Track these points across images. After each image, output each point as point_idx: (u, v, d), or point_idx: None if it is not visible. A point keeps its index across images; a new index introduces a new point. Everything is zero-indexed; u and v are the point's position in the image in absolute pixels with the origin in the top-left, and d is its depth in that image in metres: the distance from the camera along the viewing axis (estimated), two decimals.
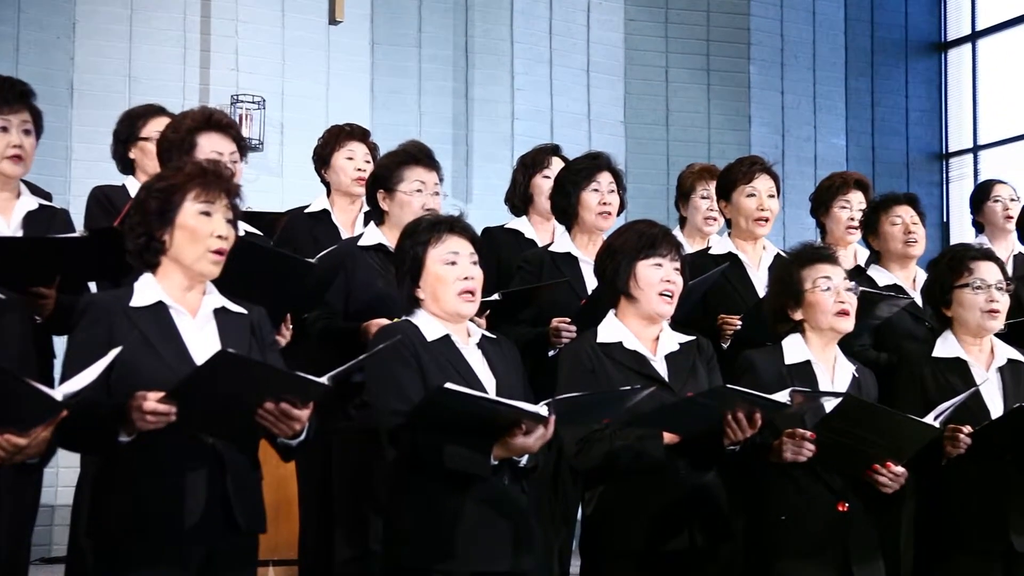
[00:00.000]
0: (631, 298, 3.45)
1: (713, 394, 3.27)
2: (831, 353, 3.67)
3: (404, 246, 3.26)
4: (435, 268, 3.20)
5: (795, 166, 9.20)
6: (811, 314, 3.63)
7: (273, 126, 7.86)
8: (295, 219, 4.72)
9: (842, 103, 9.53)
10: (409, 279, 3.23)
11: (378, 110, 8.15)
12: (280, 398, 2.72)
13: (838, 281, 3.64)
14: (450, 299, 3.19)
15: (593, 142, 8.44)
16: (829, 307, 3.61)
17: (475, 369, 3.19)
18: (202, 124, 3.70)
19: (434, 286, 3.20)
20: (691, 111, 9.08)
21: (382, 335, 3.20)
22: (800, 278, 3.64)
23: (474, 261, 3.24)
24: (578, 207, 4.31)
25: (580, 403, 3.06)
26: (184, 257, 2.89)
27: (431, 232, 3.23)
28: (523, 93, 8.58)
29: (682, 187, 5.30)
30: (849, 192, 4.91)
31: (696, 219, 5.21)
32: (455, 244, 3.23)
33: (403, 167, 4.00)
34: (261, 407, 2.72)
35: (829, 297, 3.61)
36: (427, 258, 3.21)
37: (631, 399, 3.12)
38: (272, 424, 2.76)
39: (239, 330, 2.94)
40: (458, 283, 3.19)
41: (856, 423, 3.33)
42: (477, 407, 2.89)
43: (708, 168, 5.30)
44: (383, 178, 4.03)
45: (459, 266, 3.21)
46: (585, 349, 3.42)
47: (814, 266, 3.66)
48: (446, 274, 3.19)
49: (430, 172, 4.01)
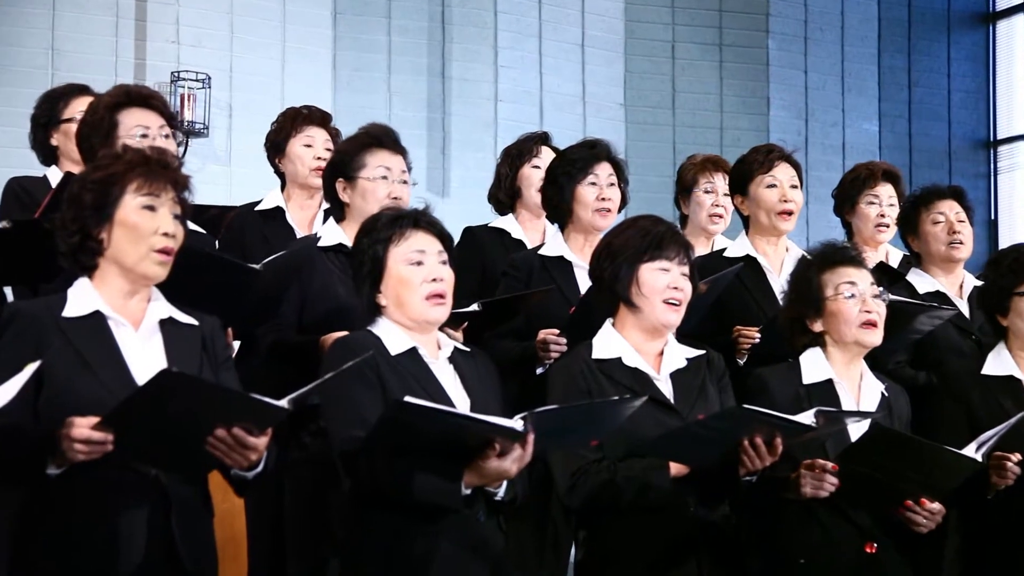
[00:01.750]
0: (632, 306, 3.47)
1: (727, 416, 3.29)
2: (856, 370, 3.69)
3: (362, 245, 3.26)
4: (398, 269, 3.21)
5: (820, 155, 9.27)
6: (833, 325, 3.64)
7: (220, 108, 7.87)
8: (244, 216, 4.72)
9: (875, 83, 9.61)
10: (369, 283, 3.24)
11: (341, 90, 8.17)
12: (234, 424, 2.72)
13: (864, 287, 3.65)
14: (416, 304, 3.20)
15: (589, 128, 8.46)
16: (853, 317, 3.62)
17: (446, 387, 3.20)
18: (121, 99, 3.72)
19: (397, 290, 3.21)
20: (701, 92, 9.13)
21: (337, 350, 3.20)
22: (820, 284, 3.66)
23: (443, 260, 3.25)
24: (573, 203, 4.32)
25: (562, 417, 3.05)
26: (125, 258, 2.89)
27: (392, 228, 3.24)
28: (508, 71, 8.61)
29: (682, 181, 5.33)
30: (877, 185, 4.96)
31: (699, 217, 5.24)
32: (420, 241, 3.24)
33: (364, 151, 4.01)
34: (212, 434, 2.72)
35: (853, 306, 3.63)
36: (389, 258, 3.22)
37: (622, 412, 3.12)
38: (224, 454, 2.76)
39: (189, 344, 2.95)
40: (425, 286, 3.20)
41: (886, 454, 3.36)
42: (443, 424, 2.88)
43: (712, 159, 5.33)
44: (342, 165, 4.03)
45: (426, 266, 3.21)
46: (579, 366, 3.42)
47: (836, 269, 3.68)
48: (411, 276, 3.20)
49: (395, 156, 4.03)
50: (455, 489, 2.99)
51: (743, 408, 3.24)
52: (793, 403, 3.49)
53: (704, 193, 5.22)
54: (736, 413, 3.27)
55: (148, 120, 3.71)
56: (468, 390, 3.23)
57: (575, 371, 3.42)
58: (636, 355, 3.46)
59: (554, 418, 3.01)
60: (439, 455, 2.97)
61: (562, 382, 3.43)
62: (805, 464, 3.40)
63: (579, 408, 3.17)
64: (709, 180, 5.22)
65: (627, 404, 3.11)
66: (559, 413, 3.03)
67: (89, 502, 2.78)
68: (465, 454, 2.99)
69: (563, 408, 3.09)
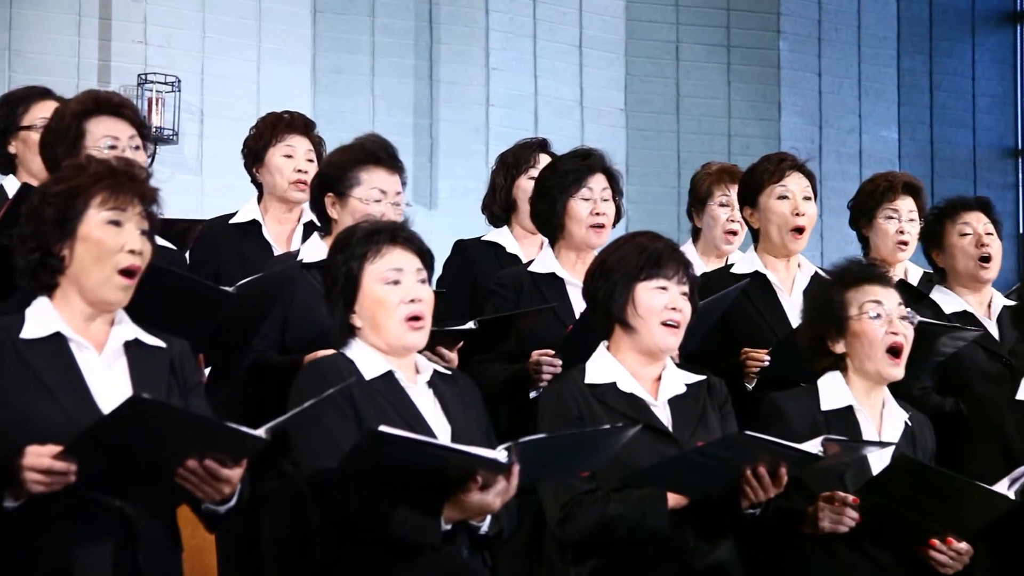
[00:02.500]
0: (628, 328, 3.49)
1: (727, 443, 3.30)
2: (878, 397, 3.71)
3: (336, 262, 3.28)
4: (373, 288, 3.23)
5: (835, 164, 9.29)
6: (856, 347, 3.66)
7: (191, 113, 7.88)
8: (216, 229, 4.72)
9: (893, 87, 9.64)
10: (342, 303, 3.26)
11: (321, 94, 8.18)
12: (207, 455, 2.72)
13: (891, 307, 3.67)
14: (393, 327, 3.22)
15: (587, 135, 8.48)
16: (879, 339, 3.64)
17: (425, 413, 3.21)
18: (89, 106, 3.72)
19: (373, 311, 3.23)
20: (707, 97, 9.14)
21: (307, 374, 3.22)
22: (844, 302, 3.68)
23: (422, 279, 3.26)
24: (564, 218, 4.32)
25: (550, 447, 3.06)
26: (86, 279, 2.89)
27: (368, 244, 3.25)
28: (500, 74, 8.62)
29: (696, 192, 5.30)
30: (896, 199, 4.97)
31: (714, 233, 5.24)
32: (398, 258, 3.25)
33: (360, 168, 4.00)
34: (183, 465, 2.72)
35: (879, 327, 3.65)
36: (363, 276, 3.24)
37: (615, 442, 3.13)
38: (196, 487, 2.76)
39: (155, 368, 2.95)
40: (402, 307, 3.22)
41: (910, 487, 3.36)
42: (421, 454, 2.88)
43: (728, 169, 5.32)
44: (334, 179, 4.02)
45: (403, 286, 3.23)
46: (571, 391, 3.44)
47: (862, 287, 3.69)
48: (387, 296, 3.22)
49: (392, 176, 4.03)
50: (434, 524, 3.00)
51: (744, 435, 3.26)
52: (811, 430, 3.49)
53: (719, 207, 5.22)
54: (737, 440, 3.29)
55: (118, 130, 3.73)
56: (449, 417, 3.24)
57: (567, 397, 3.44)
58: (632, 380, 3.49)
59: (541, 448, 3.01)
60: (417, 488, 2.98)
61: (553, 409, 3.45)
62: (823, 497, 3.42)
63: (568, 438, 3.18)
64: (724, 192, 5.21)
65: (620, 433, 3.13)
66: (547, 443, 3.04)
67: (50, 537, 2.77)
68: (445, 487, 2.99)
69: (551, 438, 3.08)
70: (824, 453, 3.27)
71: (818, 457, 3.27)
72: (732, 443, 3.29)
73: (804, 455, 3.26)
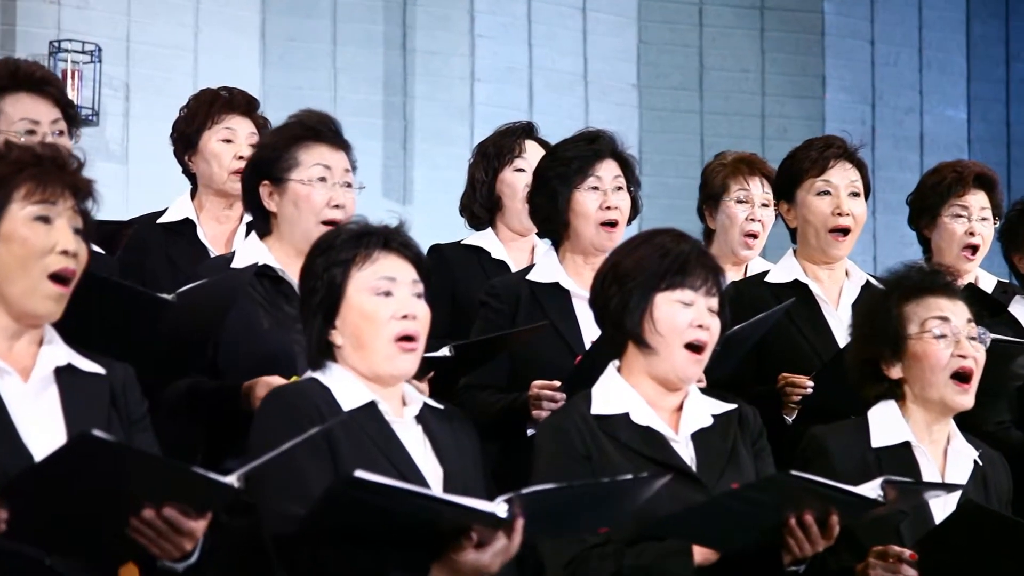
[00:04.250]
0: (644, 346, 3.49)
1: (769, 486, 3.30)
2: (942, 432, 3.73)
3: (315, 267, 3.30)
4: (360, 300, 3.25)
5: (891, 150, 9.29)
6: (916, 372, 3.69)
7: (114, 88, 7.83)
8: (144, 230, 4.70)
9: (962, 57, 9.64)
10: (321, 317, 3.27)
11: (271, 66, 8.15)
12: (167, 504, 2.74)
13: (959, 324, 3.69)
14: (381, 347, 3.24)
15: (592, 116, 8.45)
16: (943, 363, 3.66)
17: (413, 454, 3.23)
18: (5, 81, 3.74)
19: (358, 327, 3.25)
20: (736, 70, 9.14)
21: (273, 404, 3.24)
22: (902, 317, 3.69)
23: (418, 293, 3.29)
24: (569, 214, 4.32)
25: (559, 499, 3.05)
26: (9, 287, 2.88)
27: (356, 247, 3.27)
28: (488, 42, 8.60)
29: (709, 186, 5.34)
30: (967, 193, 4.99)
31: (730, 235, 5.27)
32: (391, 266, 3.28)
33: (296, 146, 4.00)
34: (138, 516, 2.73)
35: (944, 348, 3.67)
36: (349, 285, 3.25)
37: (639, 494, 3.14)
38: (152, 541, 2.77)
39: (93, 399, 2.95)
40: (394, 323, 3.24)
41: (979, 540, 3.35)
42: (405, 505, 2.88)
43: (746, 159, 5.34)
44: (267, 164, 4.02)
45: (396, 298, 3.25)
46: (575, 424, 3.43)
47: (923, 300, 3.71)
48: (376, 309, 3.24)
49: (336, 152, 4.03)
50: None
51: (790, 475, 3.24)
52: (860, 471, 3.50)
53: (736, 203, 5.25)
54: (780, 482, 3.28)
55: (38, 111, 3.75)
56: (441, 459, 3.26)
57: (570, 431, 3.43)
58: (648, 409, 3.49)
59: (549, 500, 3.01)
60: (400, 543, 2.98)
61: (553, 447, 3.44)
62: (875, 551, 3.42)
63: (583, 488, 3.15)
64: (743, 186, 5.24)
65: (645, 485, 3.12)
66: (556, 494, 3.03)
67: None
68: (434, 544, 2.99)
69: (561, 489, 3.06)
70: (884, 498, 3.27)
71: (877, 503, 3.27)
72: (775, 485, 3.29)
73: (861, 500, 3.26)
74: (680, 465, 3.42)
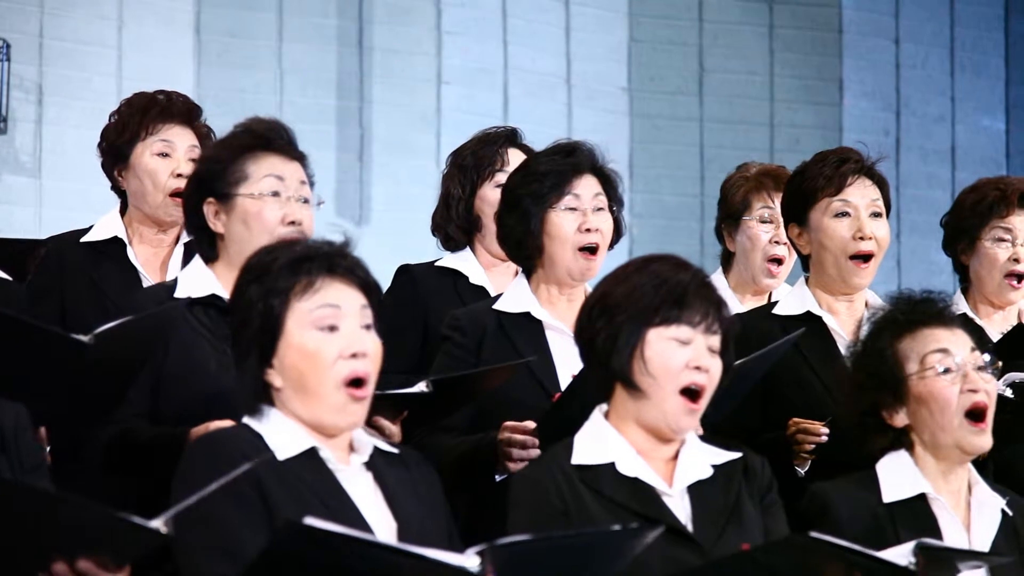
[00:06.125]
0: (633, 389, 3.39)
1: (786, 548, 3.22)
2: (960, 480, 3.68)
3: (247, 295, 3.21)
4: (302, 337, 3.16)
5: (919, 165, 9.20)
6: (923, 416, 3.63)
7: (25, 91, 7.62)
8: (64, 250, 4.64)
9: (1000, 59, 9.51)
10: (256, 355, 3.19)
11: (208, 65, 8.01)
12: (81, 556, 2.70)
13: (963, 355, 3.63)
14: (327, 394, 3.17)
15: (576, 123, 8.42)
16: (953, 401, 3.59)
17: (361, 505, 3.17)
18: None
19: (300, 368, 3.17)
20: (742, 72, 9.04)
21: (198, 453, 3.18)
22: (897, 356, 3.65)
23: (366, 324, 3.21)
24: (543, 237, 4.20)
25: (537, 552, 3.00)
26: None
27: (295, 273, 3.18)
28: (457, 40, 8.51)
29: (729, 203, 5.26)
30: (1011, 213, 4.86)
31: (752, 259, 5.18)
32: (336, 294, 3.19)
33: (244, 157, 3.92)
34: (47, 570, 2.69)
35: (951, 384, 3.61)
36: (288, 318, 3.17)
37: (626, 548, 3.09)
38: None
39: None
40: (341, 364, 3.16)
41: None
42: (361, 560, 2.81)
43: (773, 171, 5.26)
44: (212, 178, 3.94)
45: (342, 334, 3.17)
46: (552, 476, 3.37)
47: (918, 333, 3.66)
48: (320, 348, 3.16)
49: (290, 162, 3.95)
50: None
51: (810, 537, 3.15)
52: (869, 531, 3.46)
53: (759, 223, 5.15)
54: (799, 544, 3.19)
55: None
56: (395, 510, 3.20)
57: (547, 484, 3.35)
58: (637, 459, 3.40)
59: (526, 553, 2.96)
60: None
61: (529, 501, 3.36)
62: None
63: (564, 540, 3.09)
64: (767, 204, 5.16)
65: (635, 537, 3.08)
66: (533, 547, 2.97)
67: None
68: None
69: (539, 540, 3.00)
70: (915, 566, 3.18)
71: (910, 572, 3.19)
72: (792, 548, 3.20)
73: (891, 568, 3.18)
74: (672, 522, 3.32)
